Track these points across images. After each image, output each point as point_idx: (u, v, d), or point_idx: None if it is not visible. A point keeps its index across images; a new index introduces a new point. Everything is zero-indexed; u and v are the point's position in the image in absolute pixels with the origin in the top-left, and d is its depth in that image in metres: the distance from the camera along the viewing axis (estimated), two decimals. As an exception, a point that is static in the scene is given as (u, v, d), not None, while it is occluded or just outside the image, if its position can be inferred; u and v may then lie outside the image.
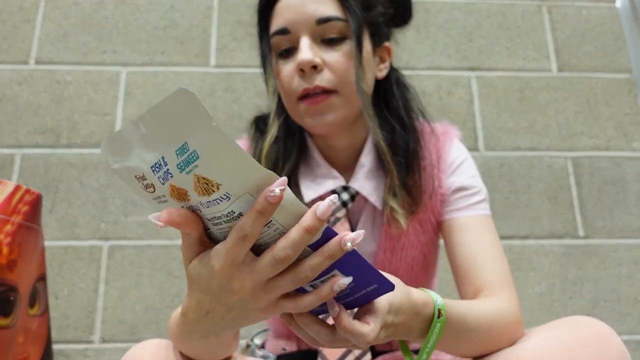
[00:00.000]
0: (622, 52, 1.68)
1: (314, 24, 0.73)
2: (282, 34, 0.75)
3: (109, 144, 0.41)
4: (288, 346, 0.82)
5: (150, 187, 0.41)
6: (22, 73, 1.55)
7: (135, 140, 0.39)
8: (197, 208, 0.40)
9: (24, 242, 0.82)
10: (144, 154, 0.39)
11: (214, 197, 0.38)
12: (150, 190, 0.41)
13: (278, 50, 0.77)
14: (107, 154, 0.42)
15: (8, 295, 0.81)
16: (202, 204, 0.39)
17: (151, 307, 1.39)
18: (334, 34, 0.74)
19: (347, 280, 0.42)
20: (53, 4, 1.62)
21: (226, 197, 0.38)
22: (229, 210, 0.39)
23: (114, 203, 1.46)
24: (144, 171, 0.40)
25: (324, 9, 0.74)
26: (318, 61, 0.73)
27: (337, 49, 0.74)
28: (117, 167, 0.42)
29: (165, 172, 0.39)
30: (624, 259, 1.50)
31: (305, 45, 0.73)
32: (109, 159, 0.43)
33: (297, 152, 0.82)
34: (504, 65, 1.65)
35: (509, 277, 0.75)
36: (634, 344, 1.42)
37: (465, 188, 0.81)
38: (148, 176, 0.40)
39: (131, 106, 1.55)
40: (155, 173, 0.39)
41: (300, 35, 0.74)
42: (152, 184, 0.40)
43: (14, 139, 1.50)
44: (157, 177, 0.39)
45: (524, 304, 1.45)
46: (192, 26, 1.63)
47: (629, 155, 1.58)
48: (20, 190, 0.79)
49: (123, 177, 0.43)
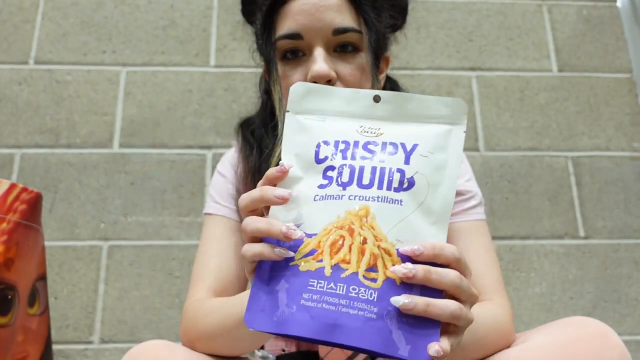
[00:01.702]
0: (623, 52, 1.68)
1: (330, 34, 0.70)
2: (293, 39, 0.71)
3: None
4: (287, 347, 0.82)
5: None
6: (22, 73, 1.55)
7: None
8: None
9: (22, 241, 0.82)
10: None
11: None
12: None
13: (283, 53, 0.74)
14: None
15: (6, 293, 0.81)
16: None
17: (151, 307, 1.38)
18: (349, 46, 0.71)
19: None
20: (52, 4, 1.62)
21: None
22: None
23: (114, 203, 1.46)
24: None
25: (341, 19, 0.70)
26: (333, 75, 0.70)
27: (351, 62, 0.71)
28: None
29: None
30: (625, 259, 1.49)
31: (321, 57, 0.69)
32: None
33: None
34: (504, 65, 1.65)
35: (502, 282, 0.75)
36: (635, 344, 1.42)
37: (461, 193, 0.80)
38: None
39: (131, 106, 1.54)
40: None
41: (314, 43, 0.70)
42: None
43: (14, 139, 1.49)
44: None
45: (524, 304, 1.45)
46: (191, 26, 1.63)
47: (629, 155, 1.58)
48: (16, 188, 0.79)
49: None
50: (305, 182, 0.49)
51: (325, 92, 0.52)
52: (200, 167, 1.50)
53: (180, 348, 0.65)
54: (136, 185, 1.48)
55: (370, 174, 0.47)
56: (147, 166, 1.49)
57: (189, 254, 1.42)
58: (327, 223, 0.46)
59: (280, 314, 0.44)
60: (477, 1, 1.71)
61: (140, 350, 0.62)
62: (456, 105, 0.49)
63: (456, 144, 0.49)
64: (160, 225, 1.45)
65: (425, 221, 0.46)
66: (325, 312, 0.43)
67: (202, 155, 1.51)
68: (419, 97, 0.50)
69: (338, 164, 0.48)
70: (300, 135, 0.51)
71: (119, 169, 1.49)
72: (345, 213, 0.46)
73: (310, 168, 0.49)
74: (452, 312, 0.43)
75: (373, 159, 0.48)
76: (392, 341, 0.42)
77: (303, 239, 0.46)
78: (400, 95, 0.51)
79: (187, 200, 1.47)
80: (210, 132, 1.53)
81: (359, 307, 0.43)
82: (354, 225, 0.45)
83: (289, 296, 0.44)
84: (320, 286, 0.44)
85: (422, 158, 0.47)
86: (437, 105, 0.50)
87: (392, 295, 0.43)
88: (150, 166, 1.50)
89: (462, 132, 0.49)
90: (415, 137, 0.49)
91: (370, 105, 0.51)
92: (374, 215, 0.45)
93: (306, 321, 0.43)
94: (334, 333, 0.42)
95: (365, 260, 0.44)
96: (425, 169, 0.47)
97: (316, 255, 0.45)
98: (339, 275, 0.44)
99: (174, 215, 1.45)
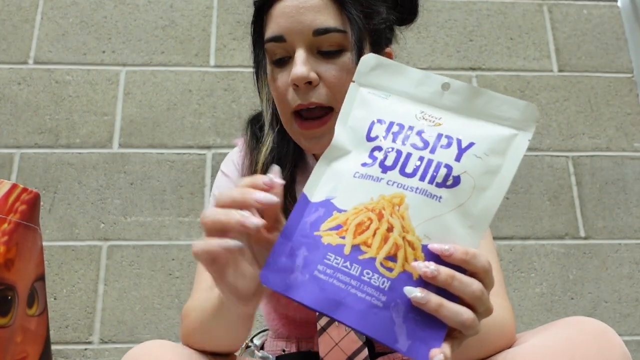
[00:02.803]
0: (623, 51, 1.68)
1: (310, 35, 0.68)
2: (277, 42, 0.70)
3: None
4: (287, 347, 0.82)
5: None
6: (21, 73, 1.55)
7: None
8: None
9: (21, 242, 0.82)
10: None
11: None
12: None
13: (273, 57, 0.73)
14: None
15: (6, 294, 0.80)
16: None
17: (150, 307, 1.38)
18: (332, 47, 0.69)
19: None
20: (52, 4, 1.62)
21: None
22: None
23: (113, 203, 1.46)
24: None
25: (322, 19, 0.68)
26: (313, 77, 0.68)
27: (334, 62, 0.70)
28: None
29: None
30: (625, 259, 1.49)
31: (300, 60, 0.68)
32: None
33: (292, 160, 0.79)
34: (504, 64, 1.65)
35: (503, 283, 0.74)
36: (635, 344, 1.41)
37: None
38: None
39: (130, 106, 1.54)
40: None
41: (295, 45, 0.69)
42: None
43: (13, 139, 1.49)
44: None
45: (524, 305, 1.45)
46: (191, 26, 1.63)
47: (630, 155, 1.58)
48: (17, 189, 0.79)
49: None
50: (351, 156, 0.48)
51: (395, 69, 0.51)
52: (200, 167, 1.50)
53: (180, 348, 0.65)
54: (136, 185, 1.48)
55: (416, 163, 0.46)
56: (147, 166, 1.49)
57: (189, 254, 1.42)
58: (358, 202, 0.45)
59: (294, 278, 0.44)
60: (477, 1, 1.70)
61: (140, 350, 0.62)
62: (528, 110, 0.47)
63: (517, 151, 0.46)
64: (160, 226, 1.44)
65: (461, 223, 0.45)
66: (334, 288, 0.43)
67: (202, 155, 1.51)
68: (490, 93, 0.48)
69: (386, 146, 0.47)
70: (359, 109, 0.50)
71: (119, 169, 1.49)
72: (379, 197, 0.45)
73: (360, 144, 0.48)
74: (463, 321, 0.42)
75: (423, 148, 0.46)
76: (393, 332, 0.42)
77: (332, 213, 0.46)
78: (470, 88, 0.48)
79: (187, 201, 1.47)
80: (210, 132, 1.53)
81: (367, 292, 0.43)
82: (385, 211, 0.44)
83: (305, 263, 0.44)
84: (337, 262, 0.44)
85: (475, 158, 0.45)
86: (507, 105, 0.47)
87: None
88: (149, 166, 1.49)
89: (527, 140, 0.46)
90: (475, 135, 0.47)
91: (438, 92, 0.49)
92: (408, 206, 0.44)
93: (314, 291, 0.43)
94: (337, 310, 0.42)
95: (386, 248, 0.43)
96: (476, 170, 0.45)
97: (340, 232, 0.45)
98: (357, 256, 0.44)
99: (173, 216, 1.45)
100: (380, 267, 0.43)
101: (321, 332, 0.71)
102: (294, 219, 0.47)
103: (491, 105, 0.48)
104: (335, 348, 0.71)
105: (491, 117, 0.48)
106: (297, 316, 0.79)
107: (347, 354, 0.72)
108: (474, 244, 0.45)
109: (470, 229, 0.45)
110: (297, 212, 0.48)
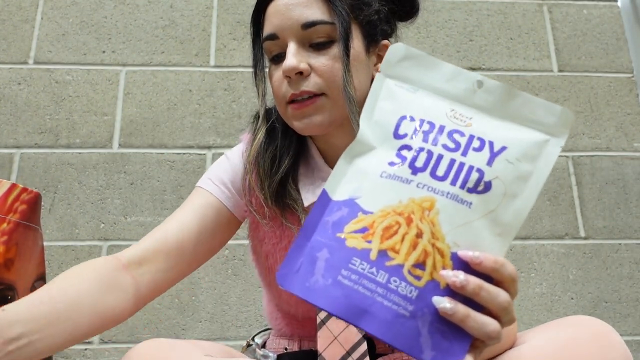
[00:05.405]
0: (623, 51, 1.68)
1: (299, 29, 0.72)
2: (272, 40, 0.74)
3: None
4: (290, 345, 0.82)
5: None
6: (21, 73, 1.55)
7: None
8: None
9: (21, 241, 0.82)
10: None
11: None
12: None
13: (270, 55, 0.77)
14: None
15: (5, 294, 0.80)
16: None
17: (150, 307, 1.38)
18: (321, 38, 0.73)
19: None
20: (52, 4, 1.62)
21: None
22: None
23: (113, 203, 1.46)
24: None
25: (309, 13, 0.72)
26: (303, 67, 0.71)
27: (324, 53, 0.73)
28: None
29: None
30: (625, 259, 1.49)
31: (291, 52, 0.72)
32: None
33: (293, 154, 0.80)
34: (504, 64, 1.65)
35: None
36: (635, 344, 1.41)
37: None
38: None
39: (130, 106, 1.54)
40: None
41: (287, 41, 0.73)
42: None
43: (13, 139, 1.49)
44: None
45: (524, 305, 1.45)
46: (191, 26, 1.63)
47: (630, 155, 1.58)
48: (17, 189, 0.79)
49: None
50: (376, 153, 0.46)
51: (426, 61, 0.49)
52: (200, 167, 1.50)
53: (180, 346, 0.64)
54: (136, 185, 1.48)
55: (448, 166, 0.44)
56: (147, 166, 1.49)
57: (189, 254, 1.42)
58: (386, 205, 0.43)
59: (314, 281, 0.42)
60: (477, 1, 1.70)
61: (140, 349, 0.62)
62: (563, 116, 0.45)
63: (549, 157, 0.45)
64: (160, 226, 1.44)
65: (491, 230, 0.43)
66: (360, 295, 0.41)
67: (202, 155, 1.51)
68: (526, 96, 0.46)
69: (416, 146, 0.45)
70: (386, 101, 0.48)
71: (119, 169, 1.49)
72: (409, 200, 0.43)
73: (387, 141, 0.46)
74: (489, 333, 0.42)
75: (455, 150, 0.44)
76: (419, 343, 0.40)
77: (357, 214, 0.44)
78: (505, 88, 0.46)
79: (187, 200, 1.47)
80: (210, 132, 1.53)
81: (394, 301, 0.41)
82: (414, 215, 0.42)
83: (327, 267, 0.42)
84: (362, 268, 0.42)
85: (506, 163, 0.44)
86: (542, 109, 0.45)
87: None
88: (149, 166, 1.49)
89: (559, 147, 0.45)
90: (507, 138, 0.45)
91: (470, 90, 0.47)
92: (438, 211, 0.42)
93: (337, 298, 0.41)
94: (362, 318, 0.41)
95: (415, 255, 0.42)
96: (507, 176, 0.44)
97: (366, 235, 0.43)
98: (384, 262, 0.42)
99: (173, 216, 1.45)
100: (408, 274, 0.41)
101: (321, 325, 0.71)
102: (314, 216, 0.45)
103: (526, 108, 0.46)
104: (334, 342, 0.71)
105: (524, 121, 0.46)
106: (299, 312, 0.79)
107: (346, 349, 0.72)
108: (501, 252, 0.43)
109: (499, 237, 0.43)
110: (317, 209, 0.45)
